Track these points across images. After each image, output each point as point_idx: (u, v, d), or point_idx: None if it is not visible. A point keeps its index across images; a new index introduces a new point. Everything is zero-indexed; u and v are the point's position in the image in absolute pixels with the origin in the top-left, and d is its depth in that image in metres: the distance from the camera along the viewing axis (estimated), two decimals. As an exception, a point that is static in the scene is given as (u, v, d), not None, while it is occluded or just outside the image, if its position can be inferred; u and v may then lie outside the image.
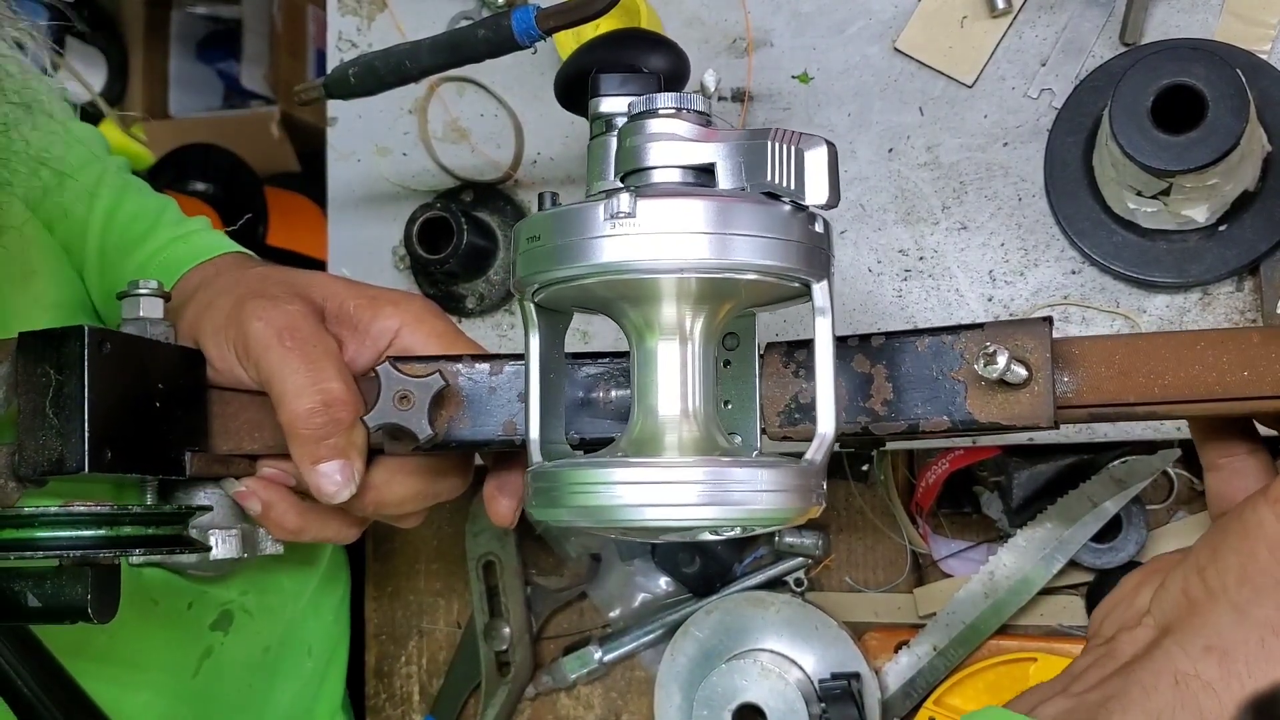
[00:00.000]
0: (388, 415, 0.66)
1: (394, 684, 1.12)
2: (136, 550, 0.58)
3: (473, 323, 1.02)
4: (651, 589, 1.06)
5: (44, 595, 0.58)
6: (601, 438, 0.66)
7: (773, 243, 0.55)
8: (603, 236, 0.54)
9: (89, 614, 0.57)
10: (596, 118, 0.59)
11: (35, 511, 0.56)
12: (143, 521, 0.58)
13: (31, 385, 0.62)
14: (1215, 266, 0.84)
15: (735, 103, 0.96)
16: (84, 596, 0.57)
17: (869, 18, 0.95)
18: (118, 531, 0.57)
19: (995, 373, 0.59)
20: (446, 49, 0.78)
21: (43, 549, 0.56)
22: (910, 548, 1.00)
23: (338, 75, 0.83)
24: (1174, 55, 0.80)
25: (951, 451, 0.97)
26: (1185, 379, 0.61)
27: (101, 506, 0.56)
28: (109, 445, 0.62)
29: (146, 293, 0.70)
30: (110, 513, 0.57)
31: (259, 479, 0.71)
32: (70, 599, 0.57)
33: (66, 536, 0.56)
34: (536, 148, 1.02)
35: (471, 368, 0.68)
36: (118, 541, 0.57)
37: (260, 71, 2.06)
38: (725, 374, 0.66)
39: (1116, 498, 0.93)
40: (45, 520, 0.56)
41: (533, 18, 0.73)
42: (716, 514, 0.54)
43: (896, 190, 0.93)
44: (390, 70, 0.81)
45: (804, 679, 0.97)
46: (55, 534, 0.56)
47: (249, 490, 0.71)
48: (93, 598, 0.57)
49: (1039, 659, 0.94)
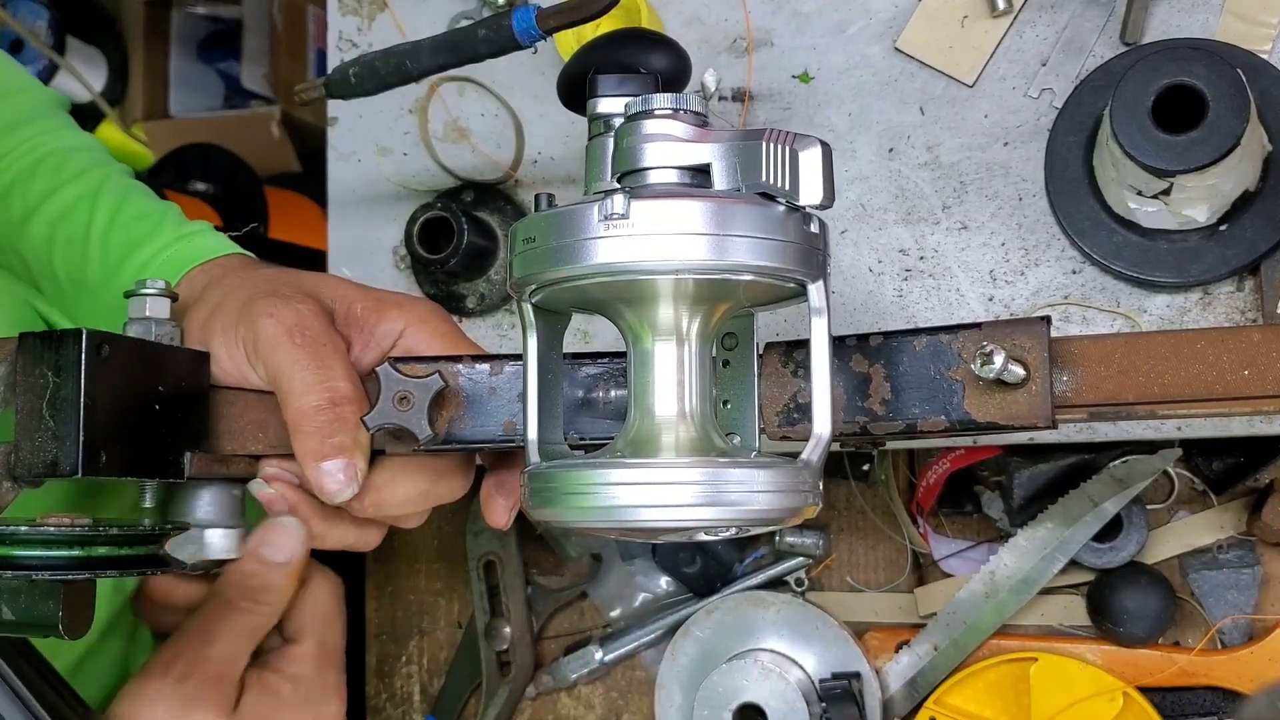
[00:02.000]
0: (387, 416, 0.66)
1: (394, 684, 1.12)
2: (110, 571, 0.58)
3: (473, 323, 1.02)
4: (652, 589, 1.06)
5: (17, 609, 0.57)
6: (601, 438, 0.66)
7: (767, 243, 0.55)
8: (597, 238, 0.54)
9: (59, 630, 0.57)
10: (594, 118, 0.59)
11: (6, 530, 0.56)
12: (117, 542, 0.58)
13: (29, 386, 0.62)
14: (1216, 266, 0.84)
15: (735, 103, 0.96)
16: (55, 613, 0.57)
17: (869, 18, 0.95)
18: (90, 552, 0.57)
19: (992, 372, 0.59)
20: (447, 49, 0.78)
21: (13, 568, 0.56)
22: (911, 547, 1.00)
23: (338, 75, 0.83)
24: (1174, 55, 0.80)
25: (952, 451, 0.97)
26: (1185, 378, 0.61)
27: (77, 524, 0.56)
28: (105, 448, 0.62)
29: (153, 292, 0.70)
30: (84, 534, 0.56)
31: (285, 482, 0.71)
32: (42, 614, 0.57)
33: (38, 556, 0.56)
34: (537, 147, 1.02)
35: (471, 368, 0.68)
36: (90, 563, 0.57)
37: (260, 71, 2.06)
38: (724, 374, 0.66)
39: (1117, 497, 0.93)
40: (17, 539, 0.56)
41: (533, 18, 0.73)
42: (713, 514, 0.54)
43: (897, 190, 0.93)
44: (391, 70, 0.81)
45: (804, 679, 0.97)
46: (27, 553, 0.56)
47: (277, 495, 0.71)
48: (64, 614, 0.57)
49: (1039, 659, 0.94)
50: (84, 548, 0.57)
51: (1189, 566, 0.95)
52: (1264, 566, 0.94)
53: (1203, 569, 0.95)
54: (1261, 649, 0.92)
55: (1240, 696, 0.92)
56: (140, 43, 2.06)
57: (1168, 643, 0.95)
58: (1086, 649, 0.95)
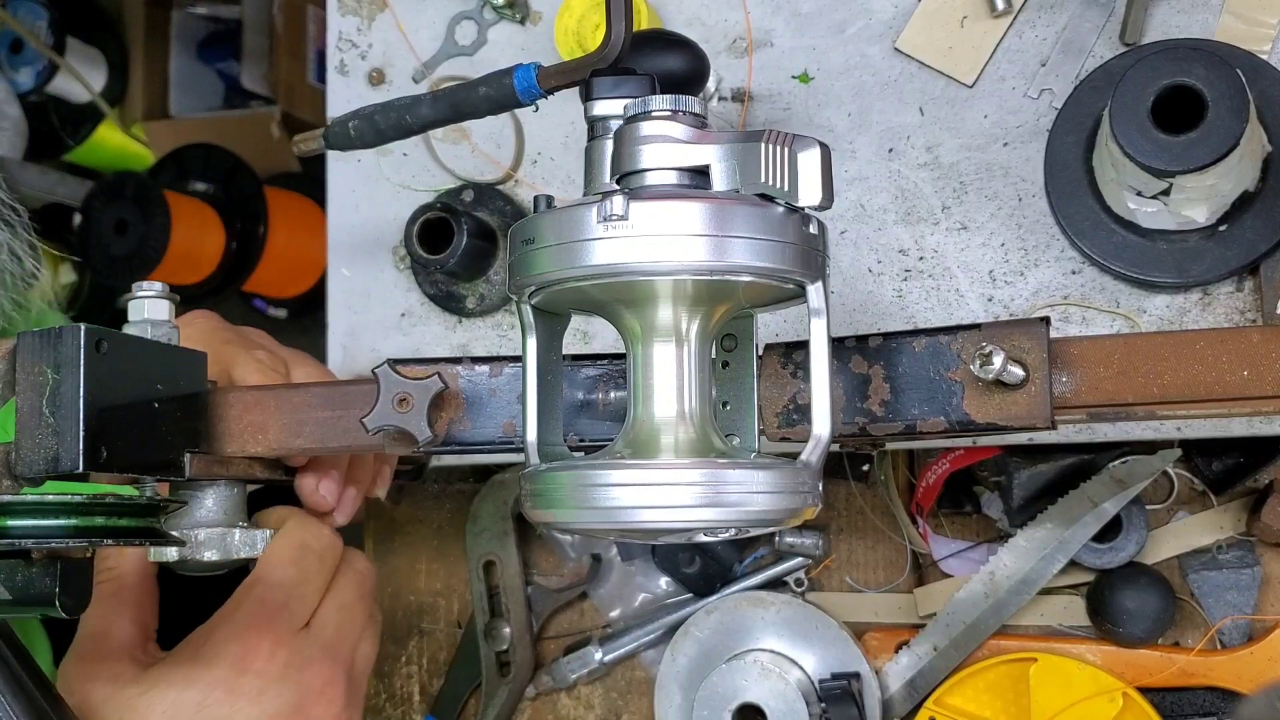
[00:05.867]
0: (387, 418, 0.66)
1: (394, 684, 1.12)
2: (107, 541, 0.57)
3: (473, 323, 1.02)
4: (651, 589, 1.06)
5: (14, 587, 0.57)
6: (602, 439, 0.66)
7: (766, 244, 0.55)
8: (596, 239, 0.54)
9: (58, 608, 0.57)
10: (593, 120, 0.60)
11: (6, 500, 0.56)
12: (115, 512, 0.57)
13: (29, 384, 0.62)
14: (1215, 266, 0.84)
15: (735, 103, 0.96)
16: (53, 590, 0.57)
17: (869, 18, 0.95)
18: (89, 522, 0.56)
19: (991, 373, 0.59)
20: (447, 105, 0.79)
21: (12, 538, 0.55)
22: (910, 548, 1.00)
23: (338, 128, 0.84)
24: (1174, 55, 0.80)
25: (952, 451, 0.97)
26: (1184, 379, 0.61)
27: (75, 495, 0.56)
28: (105, 445, 0.62)
29: (151, 294, 0.70)
30: (82, 502, 0.56)
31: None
32: (39, 591, 0.57)
33: (36, 525, 0.55)
34: (537, 148, 1.02)
35: (471, 370, 0.68)
36: (88, 531, 0.56)
37: (260, 71, 2.06)
38: (724, 375, 0.66)
39: (1117, 498, 0.93)
40: (16, 509, 0.55)
41: (534, 76, 0.73)
42: (712, 515, 0.54)
43: (896, 190, 0.93)
44: (391, 124, 0.81)
45: (804, 679, 0.97)
46: (25, 522, 0.55)
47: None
48: (60, 591, 0.57)
49: (1039, 659, 0.94)
50: (82, 516, 0.56)
51: (1189, 567, 0.95)
52: (1263, 567, 0.94)
53: (1202, 569, 0.95)
54: (1261, 649, 0.92)
55: (1240, 697, 0.92)
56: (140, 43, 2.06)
57: (1167, 643, 0.95)
58: (1086, 649, 0.95)
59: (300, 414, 0.70)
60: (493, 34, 1.03)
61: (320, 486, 0.78)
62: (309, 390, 0.71)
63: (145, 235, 1.71)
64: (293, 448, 0.71)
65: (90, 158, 2.10)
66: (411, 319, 1.03)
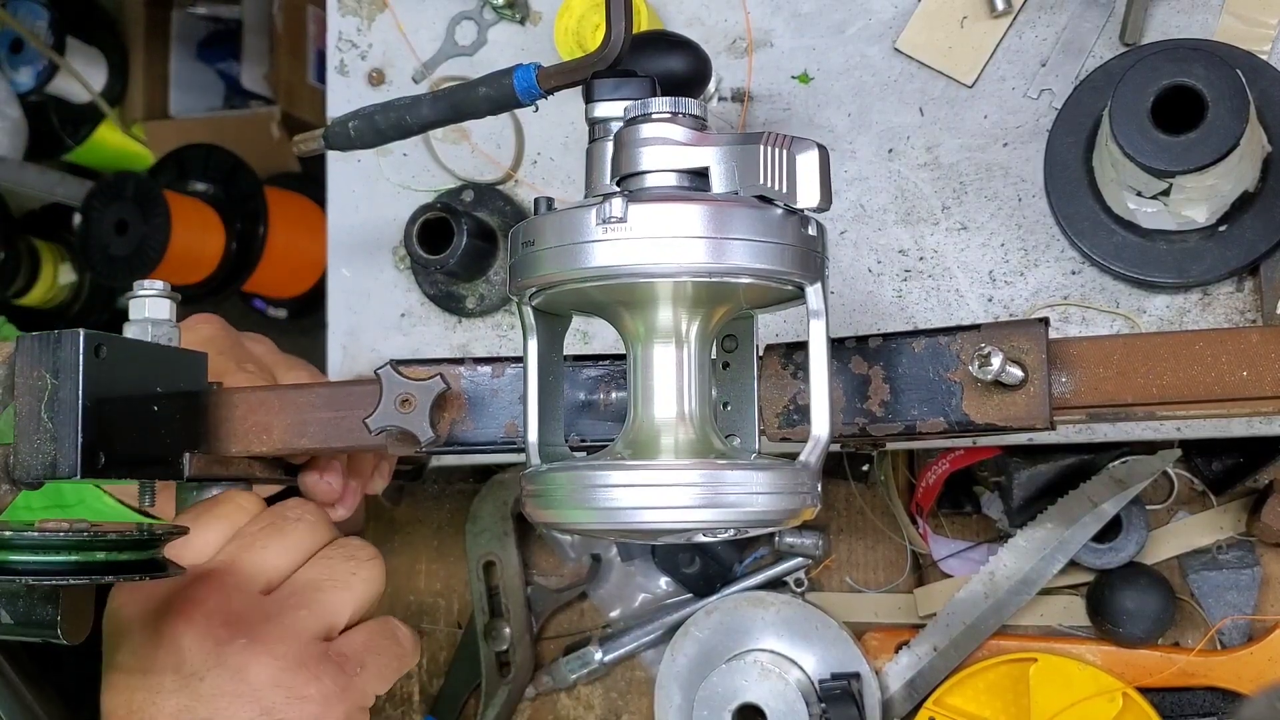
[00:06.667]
0: (390, 418, 0.66)
1: (394, 684, 1.12)
2: (108, 577, 0.57)
3: (473, 323, 1.02)
4: (651, 589, 1.06)
5: (15, 614, 0.57)
6: (603, 440, 0.66)
7: (765, 246, 0.55)
8: (595, 241, 0.54)
9: (58, 634, 0.57)
10: (594, 122, 0.60)
11: (8, 536, 0.55)
12: (115, 547, 0.57)
13: (28, 388, 0.62)
14: (1215, 267, 0.84)
15: (735, 103, 0.96)
16: (54, 617, 0.57)
17: (869, 18, 0.95)
18: (90, 558, 0.56)
19: (990, 374, 0.59)
20: (447, 105, 0.79)
21: (13, 574, 0.55)
22: (910, 548, 1.00)
23: (338, 128, 0.84)
24: (1174, 55, 0.80)
25: (952, 452, 0.97)
26: (1184, 379, 0.61)
27: (74, 529, 0.55)
28: (103, 450, 0.62)
29: (152, 293, 0.70)
30: (81, 540, 0.55)
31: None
32: (41, 618, 0.57)
33: (37, 561, 0.55)
34: (537, 148, 1.02)
35: (473, 370, 0.68)
36: (89, 568, 0.56)
37: (260, 71, 2.06)
38: (724, 376, 0.66)
39: (1116, 498, 0.93)
40: (13, 545, 0.55)
41: (534, 77, 0.73)
42: (711, 516, 0.54)
43: (896, 190, 0.93)
44: (391, 125, 0.82)
45: (804, 679, 0.97)
46: (23, 559, 0.55)
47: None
48: (62, 619, 0.57)
49: (1039, 659, 0.94)
50: (81, 553, 0.56)
51: (1188, 567, 0.95)
52: (1263, 567, 0.94)
53: (1202, 569, 0.95)
54: (1261, 649, 0.92)
55: (1240, 697, 0.93)
56: (140, 43, 2.07)
57: (1167, 643, 0.95)
58: (1086, 649, 0.95)
59: (304, 414, 0.70)
60: (493, 34, 1.03)
61: (324, 479, 0.79)
62: (313, 391, 0.71)
63: (145, 235, 1.71)
64: (296, 447, 0.71)
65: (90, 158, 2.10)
66: (411, 319, 1.03)
